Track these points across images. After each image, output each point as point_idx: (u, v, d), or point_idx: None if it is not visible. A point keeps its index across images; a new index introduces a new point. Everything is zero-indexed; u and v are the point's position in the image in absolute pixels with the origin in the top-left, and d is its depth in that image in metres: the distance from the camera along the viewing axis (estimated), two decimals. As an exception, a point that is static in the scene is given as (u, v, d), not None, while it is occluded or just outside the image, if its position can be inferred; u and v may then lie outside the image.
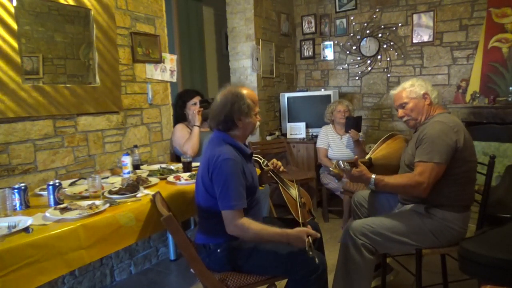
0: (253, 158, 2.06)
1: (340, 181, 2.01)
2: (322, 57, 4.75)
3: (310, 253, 1.51)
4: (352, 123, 3.43)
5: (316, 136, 3.83)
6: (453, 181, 1.86)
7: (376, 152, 2.17)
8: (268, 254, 1.69)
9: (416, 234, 1.87)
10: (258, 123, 1.84)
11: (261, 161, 2.09)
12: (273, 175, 2.04)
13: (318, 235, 1.63)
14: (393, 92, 2.10)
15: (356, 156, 1.94)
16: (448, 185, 1.86)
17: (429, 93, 1.99)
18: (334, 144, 3.64)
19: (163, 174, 2.38)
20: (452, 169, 1.84)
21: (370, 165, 2.11)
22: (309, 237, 1.54)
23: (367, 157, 2.16)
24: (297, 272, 1.65)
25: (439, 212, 1.87)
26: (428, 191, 1.81)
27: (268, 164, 2.05)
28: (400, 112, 2.04)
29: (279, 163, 2.03)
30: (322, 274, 1.68)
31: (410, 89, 2.01)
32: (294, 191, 2.11)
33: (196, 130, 2.86)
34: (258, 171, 2.16)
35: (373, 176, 1.84)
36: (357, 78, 4.57)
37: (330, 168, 1.86)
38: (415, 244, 1.89)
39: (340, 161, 1.84)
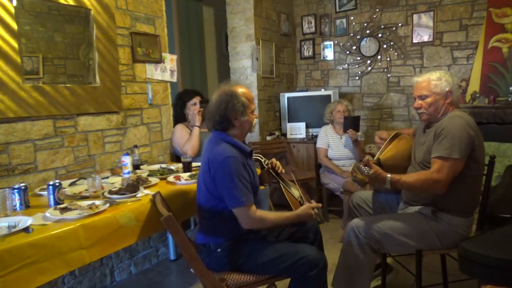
0: (254, 157, 2.07)
1: (364, 186, 1.98)
2: (322, 57, 4.75)
3: (319, 219, 1.81)
4: (350, 123, 3.43)
5: (316, 136, 3.83)
6: (462, 184, 1.81)
7: (384, 152, 2.15)
8: (268, 253, 1.69)
9: (420, 236, 1.86)
10: (255, 120, 1.84)
11: (262, 160, 2.09)
12: (274, 174, 2.04)
13: (320, 205, 1.85)
14: (417, 79, 1.95)
15: (367, 157, 1.89)
16: (458, 188, 1.81)
17: (453, 91, 1.88)
18: (333, 144, 3.64)
19: (163, 174, 2.38)
20: (466, 171, 1.78)
21: (379, 166, 2.10)
22: (315, 209, 1.78)
23: (375, 158, 2.15)
24: (297, 269, 1.66)
25: (446, 216, 1.85)
26: (445, 189, 1.75)
27: (269, 163, 2.05)
28: (418, 103, 1.93)
29: (278, 163, 2.03)
30: (322, 270, 1.68)
31: (436, 82, 1.87)
32: (295, 191, 2.11)
33: (196, 130, 2.86)
34: (258, 170, 2.16)
35: (389, 175, 1.78)
36: (357, 78, 4.57)
37: (354, 175, 1.79)
38: (418, 246, 1.88)
39: (362, 166, 1.76)
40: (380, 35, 4.34)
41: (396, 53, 4.28)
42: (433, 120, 1.94)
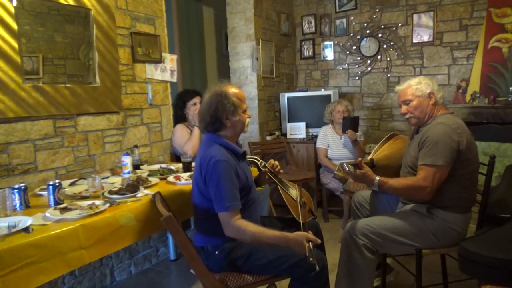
0: (250, 159, 2.05)
1: (345, 184, 2.00)
2: (322, 57, 4.75)
3: (311, 259, 1.42)
4: (349, 124, 3.43)
5: (316, 136, 3.83)
6: (455, 182, 1.85)
7: (378, 152, 2.16)
8: (267, 254, 1.69)
9: (416, 235, 1.87)
10: (248, 120, 1.82)
11: (258, 162, 2.07)
12: (271, 176, 2.03)
13: (319, 241, 1.52)
14: (399, 87, 2.06)
15: (360, 158, 1.92)
16: (451, 186, 1.85)
17: (435, 92, 1.96)
18: (333, 144, 3.64)
19: (163, 174, 2.38)
20: (455, 170, 1.83)
21: (372, 166, 2.11)
22: (310, 243, 1.46)
23: (369, 158, 2.16)
24: (297, 270, 1.65)
25: (441, 212, 1.87)
26: (432, 195, 1.81)
27: (266, 165, 2.04)
28: (404, 108, 2.01)
29: (276, 163, 2.02)
30: (322, 271, 1.67)
31: (416, 86, 1.97)
32: (294, 191, 2.10)
33: (196, 130, 2.86)
34: (255, 172, 2.16)
35: (377, 178, 1.83)
36: (357, 78, 4.57)
37: (335, 172, 1.85)
38: (415, 244, 1.89)
39: (344, 164, 1.82)
40: (380, 35, 4.34)
41: (396, 53, 4.28)
42: (422, 123, 2.00)
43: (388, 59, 4.33)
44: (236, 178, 1.67)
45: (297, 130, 4.16)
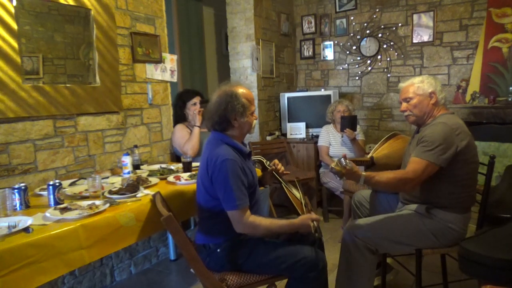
0: (256, 158, 2.07)
1: (342, 178, 1.99)
2: (322, 57, 4.75)
3: (316, 234, 1.76)
4: (347, 123, 3.46)
5: (316, 136, 3.84)
6: (454, 182, 1.85)
7: (378, 151, 2.17)
8: (268, 253, 1.69)
9: (416, 236, 1.87)
10: (254, 122, 1.83)
11: (264, 161, 2.09)
12: (276, 175, 2.04)
13: (321, 218, 1.77)
14: (402, 85, 2.07)
15: (344, 154, 1.93)
16: (450, 186, 1.85)
17: (436, 92, 1.96)
18: (334, 142, 3.67)
19: (163, 174, 2.38)
20: (453, 171, 1.83)
21: (372, 164, 2.11)
22: (314, 222, 1.70)
23: (369, 156, 2.16)
24: (297, 270, 1.66)
25: (440, 212, 1.87)
26: (415, 188, 1.84)
27: (271, 165, 2.05)
28: (403, 105, 2.02)
29: (280, 164, 2.03)
30: (322, 271, 1.68)
31: (419, 85, 1.98)
32: (297, 192, 2.12)
33: (196, 130, 2.86)
34: (259, 172, 2.17)
35: (363, 173, 1.82)
36: (357, 78, 4.57)
37: (332, 166, 1.85)
38: (415, 245, 1.89)
39: (342, 159, 1.83)
40: (380, 35, 4.34)
41: (396, 53, 4.28)
42: (420, 122, 2.00)
43: (388, 59, 4.33)
44: (244, 176, 1.68)
45: (297, 130, 4.16)
